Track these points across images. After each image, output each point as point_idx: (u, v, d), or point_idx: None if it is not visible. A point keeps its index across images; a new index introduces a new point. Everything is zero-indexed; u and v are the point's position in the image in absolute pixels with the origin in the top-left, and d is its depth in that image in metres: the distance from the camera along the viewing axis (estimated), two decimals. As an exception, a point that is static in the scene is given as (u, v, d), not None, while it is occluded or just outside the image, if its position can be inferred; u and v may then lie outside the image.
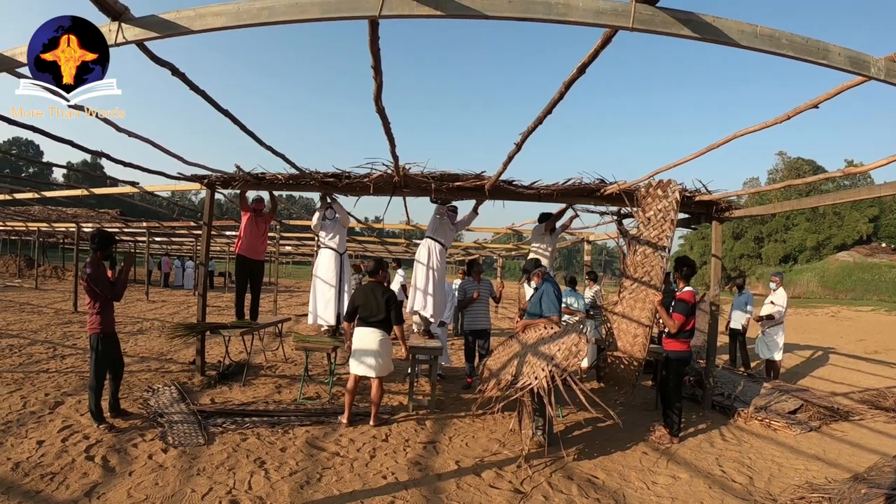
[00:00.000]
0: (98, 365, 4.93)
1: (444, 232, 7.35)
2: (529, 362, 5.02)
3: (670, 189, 6.08)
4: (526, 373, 4.88)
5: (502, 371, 5.34)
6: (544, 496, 4.03)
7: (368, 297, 5.41)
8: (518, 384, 4.77)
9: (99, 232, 5.13)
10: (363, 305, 5.41)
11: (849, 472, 4.65)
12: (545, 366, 4.63)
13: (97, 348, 4.93)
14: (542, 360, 4.80)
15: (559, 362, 4.61)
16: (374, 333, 5.35)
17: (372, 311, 5.37)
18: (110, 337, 5.07)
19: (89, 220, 15.03)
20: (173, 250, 30.51)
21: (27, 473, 3.89)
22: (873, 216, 44.60)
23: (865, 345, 14.24)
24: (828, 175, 5.62)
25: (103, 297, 4.93)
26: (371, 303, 5.38)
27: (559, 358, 4.67)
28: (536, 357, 4.98)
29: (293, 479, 4.07)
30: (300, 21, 2.49)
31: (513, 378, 4.97)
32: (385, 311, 5.36)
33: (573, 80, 3.10)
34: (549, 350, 4.92)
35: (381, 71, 3.10)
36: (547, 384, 4.43)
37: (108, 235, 5.20)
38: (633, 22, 2.31)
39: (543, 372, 4.56)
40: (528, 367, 4.96)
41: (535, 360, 4.95)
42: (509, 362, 5.42)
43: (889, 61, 2.53)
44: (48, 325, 10.94)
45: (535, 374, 4.68)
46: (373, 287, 5.48)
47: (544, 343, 5.16)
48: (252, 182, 7.05)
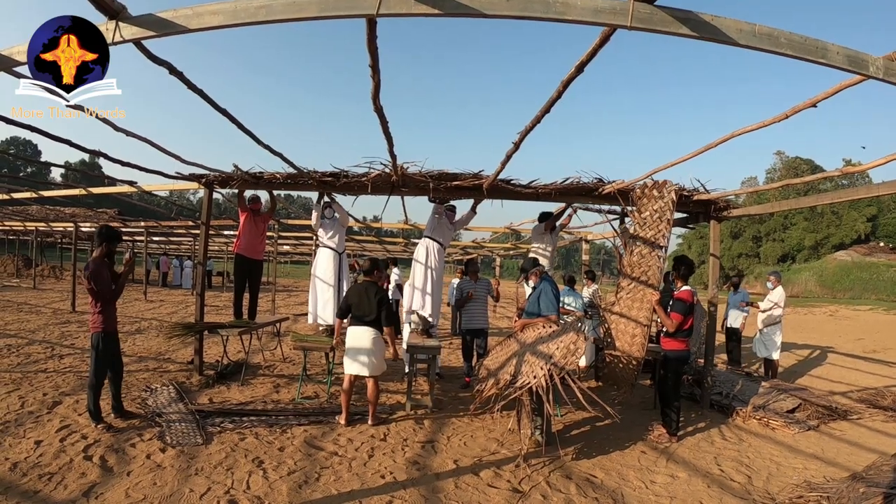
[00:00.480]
0: (98, 364, 4.92)
1: (442, 231, 7.34)
2: (528, 361, 5.02)
3: (666, 190, 6.08)
4: (525, 372, 4.88)
5: (500, 370, 5.34)
6: (543, 495, 4.03)
7: (362, 296, 5.40)
8: (517, 383, 4.77)
9: (105, 227, 5.14)
10: (356, 304, 5.41)
11: (847, 470, 4.65)
12: (544, 364, 4.62)
13: (98, 347, 4.92)
14: (540, 359, 4.79)
15: (557, 360, 4.60)
16: (367, 332, 5.35)
17: (365, 311, 5.37)
18: (112, 336, 5.07)
19: (87, 220, 15.01)
20: (171, 250, 30.47)
21: (25, 473, 3.88)
22: (871, 215, 44.69)
23: (864, 344, 14.27)
24: (826, 174, 5.62)
25: (103, 297, 4.92)
26: (364, 302, 5.38)
27: (557, 356, 4.68)
28: (535, 356, 4.98)
29: (291, 479, 4.07)
30: (298, 20, 2.49)
31: (511, 377, 4.97)
32: (377, 311, 5.36)
33: (571, 79, 3.09)
34: (547, 349, 4.92)
35: (379, 70, 3.09)
36: (546, 383, 4.42)
37: (115, 232, 5.23)
38: (632, 20, 2.31)
39: (542, 370, 4.55)
40: (526, 367, 4.96)
41: (533, 359, 4.95)
42: (507, 362, 5.42)
43: (888, 60, 2.53)
44: (46, 325, 10.92)
45: (533, 373, 4.68)
46: (367, 286, 5.47)
47: (542, 342, 5.15)
48: (250, 181, 7.04)
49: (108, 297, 4.96)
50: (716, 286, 7.11)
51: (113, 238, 5.13)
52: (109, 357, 5.03)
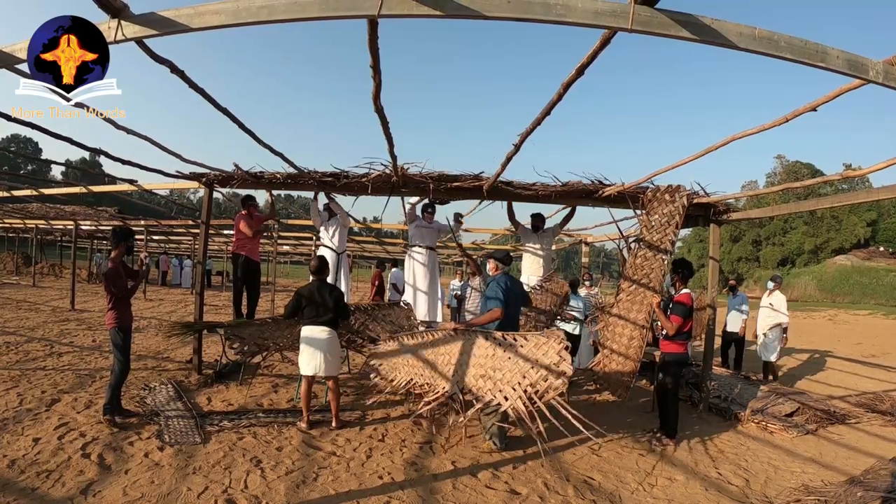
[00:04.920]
0: (122, 356, 5.04)
1: (422, 235, 7.34)
2: (488, 376, 4.35)
3: (678, 195, 6.07)
4: (482, 388, 4.32)
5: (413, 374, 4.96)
6: (540, 497, 4.03)
7: (315, 296, 5.37)
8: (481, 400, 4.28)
9: (117, 228, 5.31)
10: (310, 306, 5.36)
11: (845, 475, 4.65)
12: (517, 384, 4.08)
13: (116, 343, 5.03)
14: (511, 375, 4.19)
15: (535, 382, 4.04)
16: (323, 332, 5.30)
17: (320, 312, 5.33)
18: (127, 331, 5.14)
19: (87, 218, 15.02)
20: (171, 249, 30.47)
21: (23, 471, 3.88)
22: (871, 220, 44.74)
23: (862, 348, 14.28)
24: (826, 178, 5.62)
25: (118, 295, 5.03)
26: (318, 302, 5.35)
27: (533, 376, 4.09)
28: (498, 371, 4.31)
29: (289, 479, 4.07)
30: (299, 20, 2.49)
31: (451, 391, 4.45)
32: (333, 310, 5.36)
33: (572, 82, 3.10)
34: (516, 365, 4.25)
35: (380, 70, 3.10)
36: (524, 407, 3.95)
37: (128, 230, 5.36)
38: (632, 23, 2.31)
39: (515, 392, 4.06)
40: (487, 382, 4.33)
41: (498, 375, 4.30)
42: (420, 366, 4.95)
43: (888, 65, 2.53)
44: (45, 323, 10.91)
45: (502, 392, 4.18)
46: (319, 286, 5.44)
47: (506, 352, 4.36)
48: (251, 181, 7.05)
49: (123, 295, 5.08)
50: (715, 289, 7.11)
51: (128, 236, 5.25)
52: (129, 351, 5.13)
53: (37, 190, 11.63)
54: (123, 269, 5.20)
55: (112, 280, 4.98)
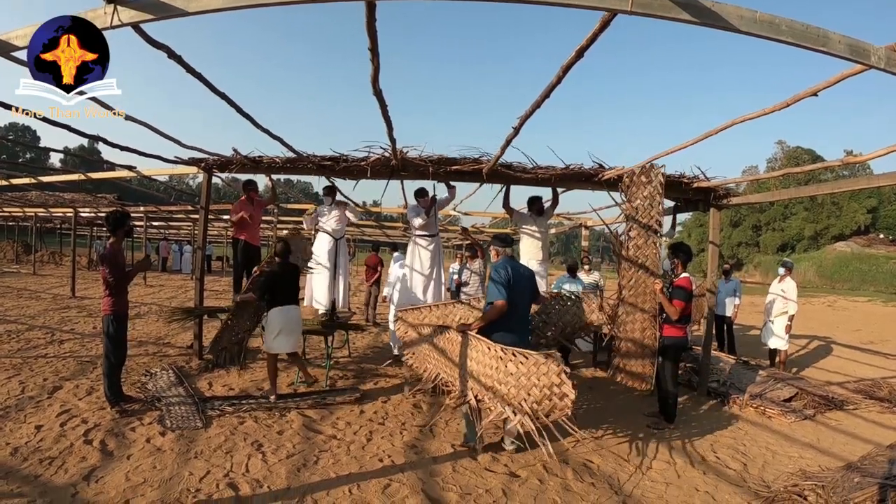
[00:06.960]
0: (111, 346, 5.04)
1: (426, 225, 7.30)
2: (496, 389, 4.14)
3: (654, 174, 5.97)
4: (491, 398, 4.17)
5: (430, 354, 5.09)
6: (539, 480, 4.07)
7: (286, 279, 5.67)
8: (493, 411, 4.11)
9: (110, 215, 5.19)
10: (282, 289, 5.61)
11: (842, 460, 4.68)
12: (524, 400, 3.92)
13: (108, 330, 5.02)
14: (516, 391, 3.98)
15: (539, 400, 3.89)
16: (295, 310, 5.69)
17: (290, 295, 5.66)
18: (122, 319, 5.14)
19: (87, 205, 14.99)
20: (171, 234, 30.46)
21: (26, 458, 3.92)
22: (872, 207, 44.59)
23: (861, 335, 14.32)
24: (827, 164, 5.60)
25: (115, 281, 5.01)
26: (288, 285, 5.67)
27: (537, 395, 3.90)
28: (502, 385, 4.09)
29: (290, 462, 4.11)
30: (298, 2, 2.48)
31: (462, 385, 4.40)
32: (298, 290, 5.82)
33: (571, 64, 3.07)
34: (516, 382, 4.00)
35: (379, 53, 3.07)
36: (531, 423, 3.82)
37: (122, 216, 5.22)
38: (632, 5, 2.30)
39: (522, 408, 3.91)
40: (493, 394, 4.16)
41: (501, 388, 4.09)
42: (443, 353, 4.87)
43: (889, 50, 2.52)
44: (46, 311, 10.95)
45: (510, 407, 3.99)
46: (285, 268, 5.73)
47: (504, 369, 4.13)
48: (249, 165, 7.03)
49: (119, 282, 5.05)
50: (714, 274, 7.11)
51: (123, 222, 5.16)
52: (120, 339, 5.11)
53: (36, 178, 11.58)
54: (122, 258, 5.16)
55: (110, 262, 4.95)
